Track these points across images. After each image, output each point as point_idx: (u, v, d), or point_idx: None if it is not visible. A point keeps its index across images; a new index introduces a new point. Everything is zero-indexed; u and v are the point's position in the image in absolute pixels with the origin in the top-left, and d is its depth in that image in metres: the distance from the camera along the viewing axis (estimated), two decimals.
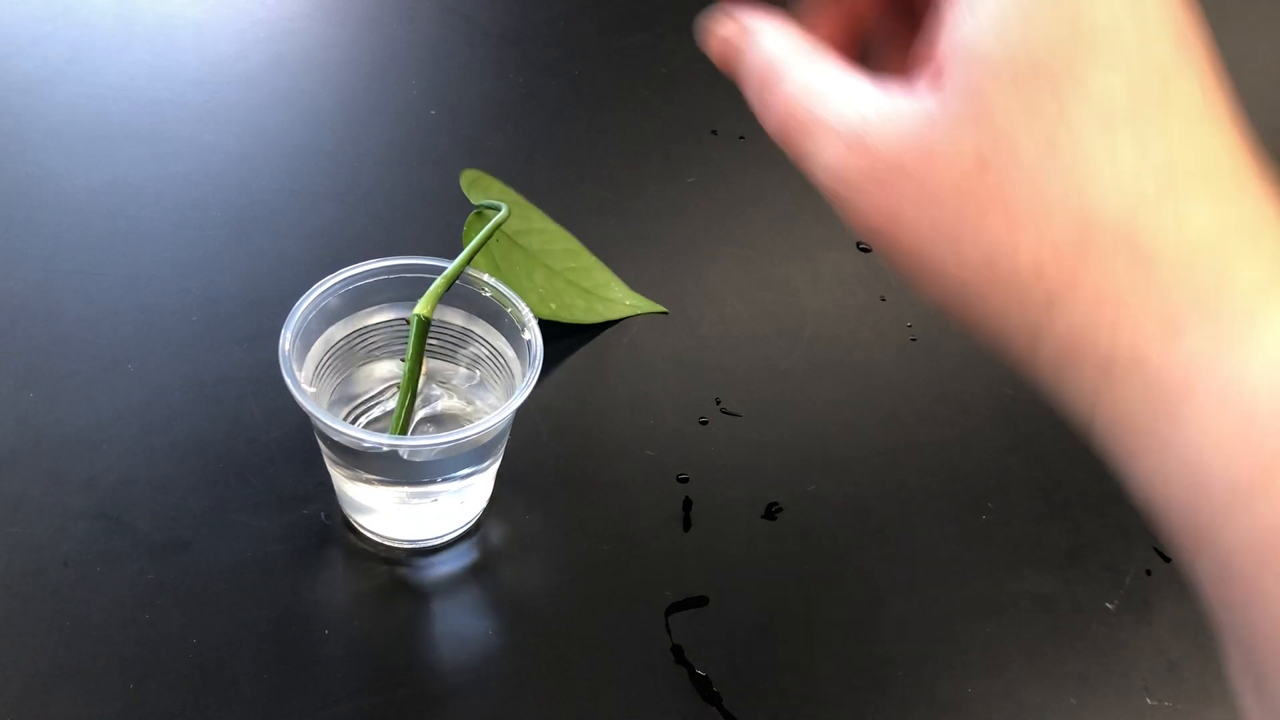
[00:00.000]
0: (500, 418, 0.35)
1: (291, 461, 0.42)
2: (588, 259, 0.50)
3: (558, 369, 0.47)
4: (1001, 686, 0.39)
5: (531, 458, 0.44)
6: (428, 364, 0.39)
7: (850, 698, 0.38)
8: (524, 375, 0.36)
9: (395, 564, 0.40)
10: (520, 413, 0.36)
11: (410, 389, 0.37)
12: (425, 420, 0.40)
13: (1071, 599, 0.43)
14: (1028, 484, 0.46)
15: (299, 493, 0.41)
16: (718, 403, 0.47)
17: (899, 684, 0.39)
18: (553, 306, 0.46)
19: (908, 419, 0.48)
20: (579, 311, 0.48)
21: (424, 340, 0.36)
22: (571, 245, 0.49)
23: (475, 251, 0.38)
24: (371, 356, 0.40)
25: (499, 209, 0.41)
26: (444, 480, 0.37)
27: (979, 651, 0.40)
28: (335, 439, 0.35)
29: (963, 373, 0.50)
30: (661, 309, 0.51)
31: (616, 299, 0.50)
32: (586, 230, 0.51)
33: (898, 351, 0.51)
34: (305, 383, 0.36)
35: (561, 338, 0.48)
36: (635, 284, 0.51)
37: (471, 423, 0.35)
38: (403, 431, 0.37)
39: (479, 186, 0.45)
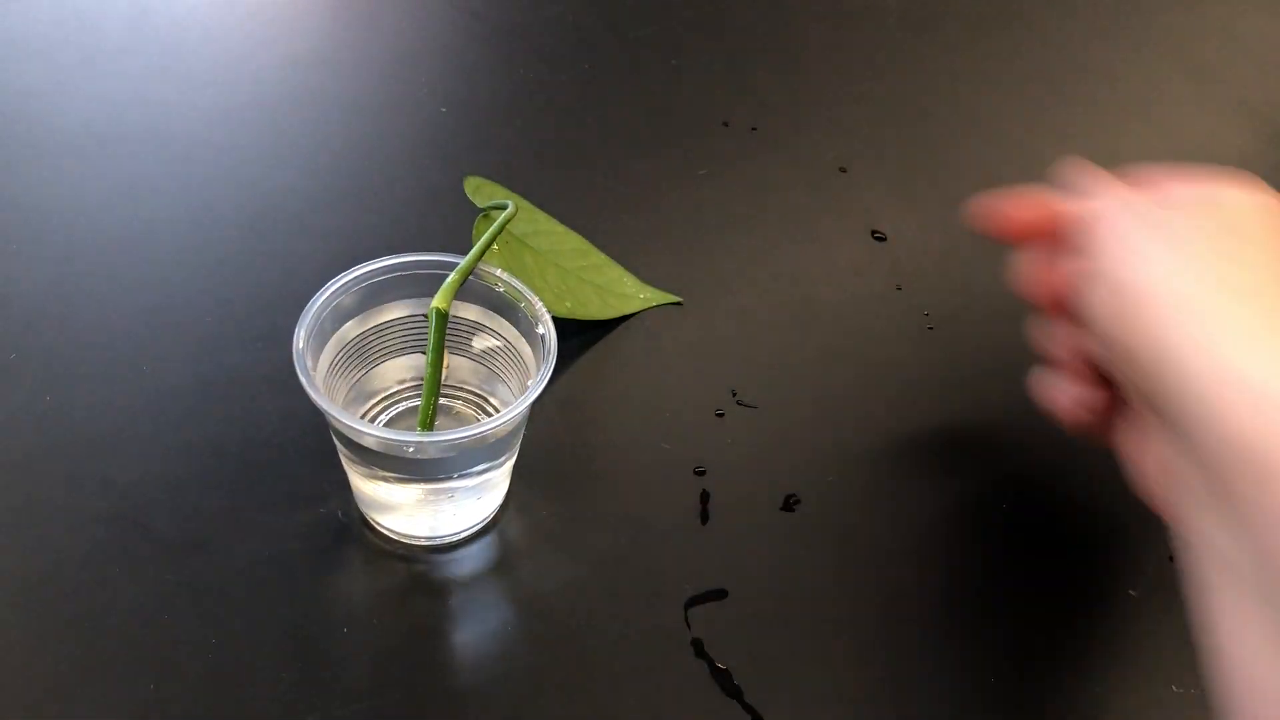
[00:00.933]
0: (515, 412, 0.35)
1: (308, 460, 0.42)
2: (598, 257, 0.49)
3: (573, 364, 0.47)
4: (1025, 676, 0.39)
5: (548, 452, 0.44)
6: (451, 363, 0.39)
7: (872, 689, 0.38)
8: (539, 370, 0.36)
9: (413, 561, 0.40)
10: (536, 408, 0.36)
11: (434, 384, 0.37)
12: (440, 415, 0.40)
13: (1093, 587, 0.42)
14: (1047, 472, 0.46)
15: (316, 491, 0.41)
16: (734, 394, 0.47)
17: (921, 675, 0.39)
18: (568, 304, 0.46)
19: (925, 408, 0.48)
20: (594, 307, 0.48)
21: (444, 333, 0.36)
22: (580, 244, 0.49)
23: (489, 244, 0.38)
24: (386, 354, 0.40)
25: (506, 208, 0.41)
26: (460, 476, 0.37)
27: (1001, 641, 0.40)
28: (350, 437, 0.35)
29: (981, 361, 0.50)
30: (676, 300, 0.51)
31: (630, 293, 0.50)
32: (598, 225, 0.51)
33: (915, 340, 0.51)
34: (320, 381, 0.36)
35: (576, 333, 0.48)
36: (648, 277, 0.51)
37: (487, 418, 0.35)
38: (429, 427, 0.37)
39: (483, 192, 0.45)
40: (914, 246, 0.55)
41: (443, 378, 0.37)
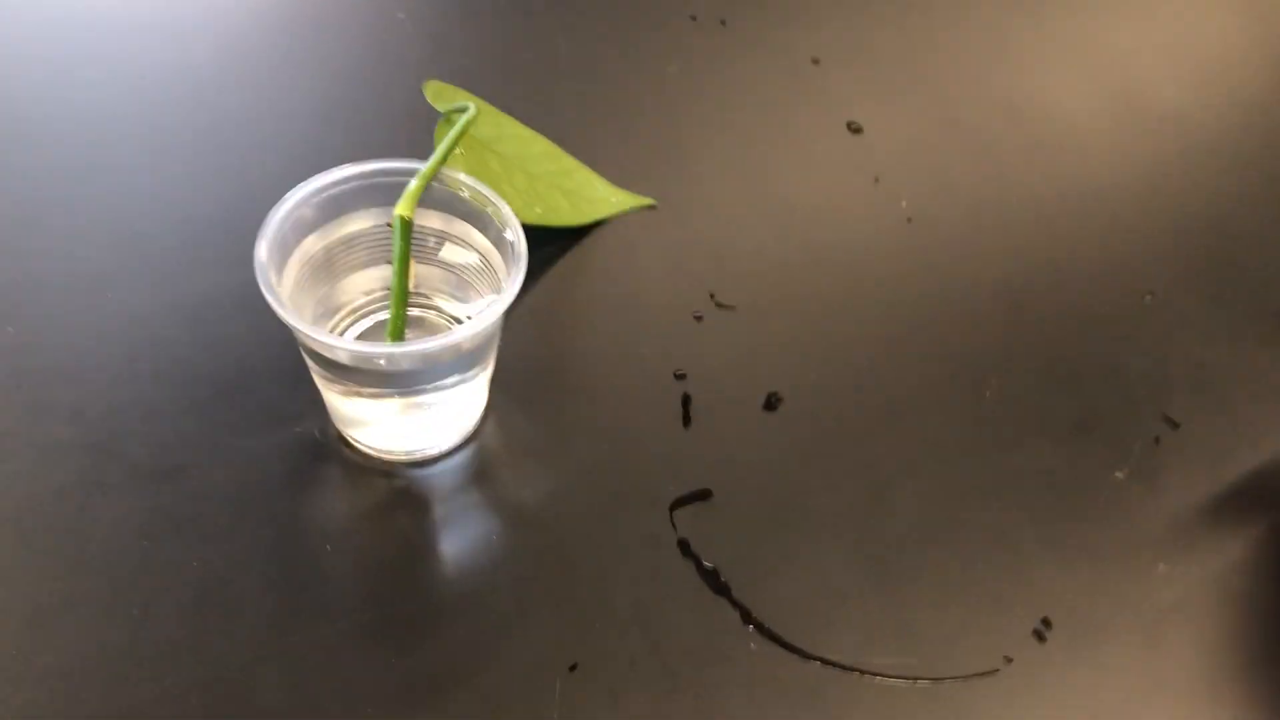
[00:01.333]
0: (487, 321, 0.34)
1: (282, 380, 0.41)
2: (567, 160, 0.48)
3: (547, 272, 0.46)
4: (1013, 563, 0.39)
5: (526, 363, 0.43)
6: (417, 271, 0.38)
7: (860, 582, 0.38)
8: (509, 276, 0.35)
9: (393, 476, 0.40)
10: (511, 318, 0.35)
11: (402, 293, 0.36)
12: (411, 327, 0.39)
13: (1079, 471, 0.42)
14: (1030, 359, 0.46)
15: (291, 411, 0.41)
16: (712, 296, 0.46)
17: (908, 566, 0.39)
18: (538, 210, 0.45)
19: (907, 300, 0.47)
20: (565, 213, 0.47)
21: (409, 242, 0.35)
22: (549, 148, 0.48)
23: (451, 148, 0.37)
24: (353, 265, 0.39)
25: (467, 109, 0.40)
26: (435, 389, 0.37)
27: (988, 530, 0.40)
28: (320, 352, 0.34)
29: (961, 250, 0.49)
30: (649, 202, 0.49)
31: (601, 197, 0.49)
32: (567, 129, 0.50)
33: (893, 233, 0.50)
34: (287, 297, 0.35)
35: (549, 240, 0.47)
36: (620, 181, 0.50)
37: (460, 327, 0.34)
38: (399, 338, 0.36)
39: (444, 97, 0.44)
40: (890, 138, 0.54)
41: (411, 287, 0.36)
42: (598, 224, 0.48)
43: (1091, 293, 0.48)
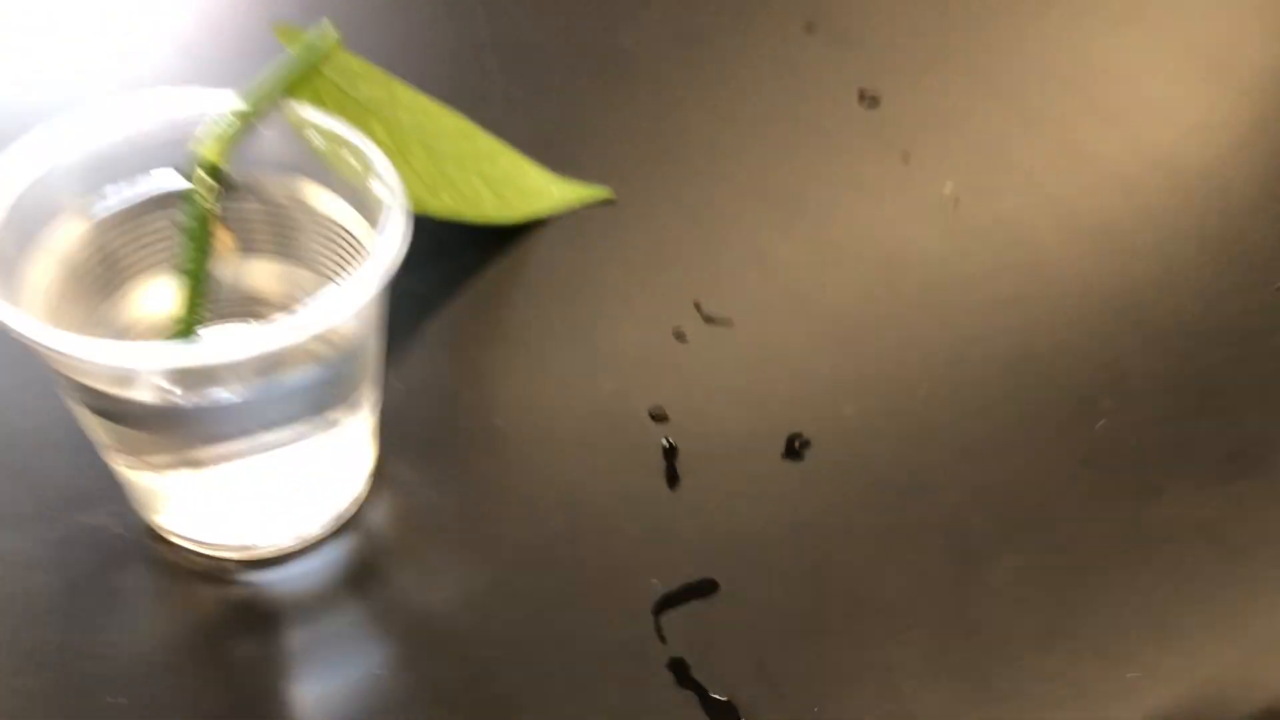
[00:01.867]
0: (349, 310, 0.21)
1: (66, 451, 0.28)
2: (489, 141, 0.35)
3: (465, 284, 0.33)
4: (1176, 657, 0.26)
5: (434, 411, 0.30)
6: (239, 259, 0.25)
7: (948, 705, 0.25)
8: (378, 236, 0.22)
9: (229, 584, 0.26)
10: (415, 349, 0.23)
11: (199, 280, 0.23)
12: None
13: (1246, 521, 0.30)
14: (1154, 372, 0.33)
15: (77, 494, 0.27)
16: (698, 308, 0.34)
17: (1021, 672, 0.26)
18: (445, 198, 0.32)
19: (966, 304, 0.35)
20: (486, 205, 0.34)
21: (212, 199, 0.22)
22: (463, 125, 0.35)
23: (295, 74, 0.24)
24: (150, 264, 0.26)
25: (324, 35, 0.27)
26: (278, 439, 0.23)
27: (1132, 611, 0.27)
28: (75, 378, 0.21)
29: (1031, 238, 0.37)
30: (605, 195, 0.37)
31: (538, 187, 0.36)
32: (494, 117, 0.37)
33: (937, 221, 0.38)
34: (39, 309, 0.22)
35: (468, 243, 0.34)
36: (566, 172, 0.38)
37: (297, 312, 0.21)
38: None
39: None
40: (916, 109, 0.43)
41: (226, 276, 0.23)
42: (535, 223, 0.36)
43: (1219, 288, 0.36)
